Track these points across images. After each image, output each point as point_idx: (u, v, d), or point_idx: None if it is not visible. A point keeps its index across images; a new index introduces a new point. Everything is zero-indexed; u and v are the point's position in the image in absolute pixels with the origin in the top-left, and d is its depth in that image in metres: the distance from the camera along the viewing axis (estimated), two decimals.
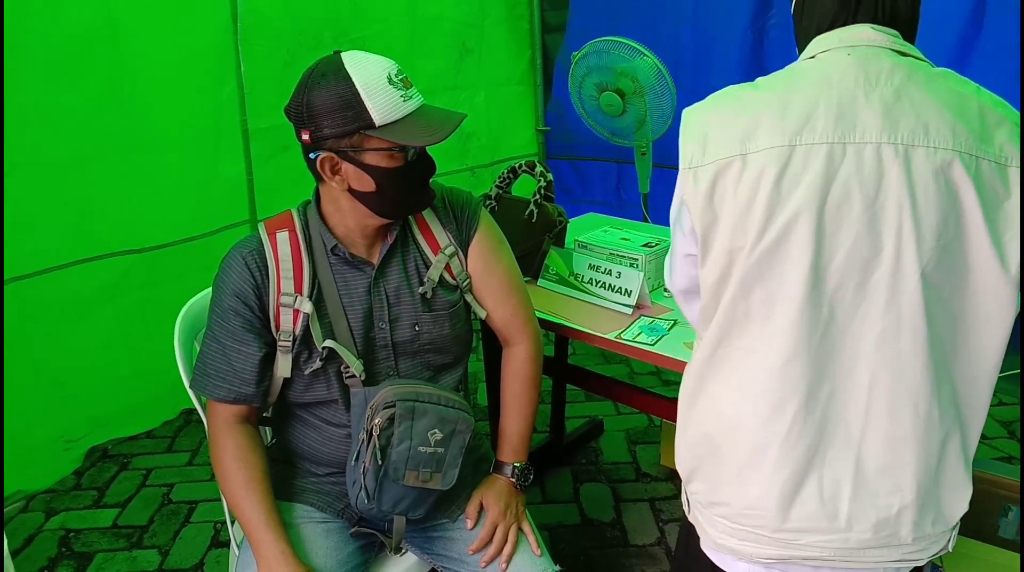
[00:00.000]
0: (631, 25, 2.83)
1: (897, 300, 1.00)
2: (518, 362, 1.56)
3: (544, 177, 2.00)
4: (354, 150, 1.28)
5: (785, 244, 1.00)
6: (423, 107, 1.31)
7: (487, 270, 1.50)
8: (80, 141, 2.43)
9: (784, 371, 1.03)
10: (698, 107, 1.10)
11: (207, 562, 2.28)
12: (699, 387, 1.13)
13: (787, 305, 1.01)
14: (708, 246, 1.06)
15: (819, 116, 0.99)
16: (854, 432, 1.05)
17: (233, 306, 1.35)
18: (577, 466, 2.69)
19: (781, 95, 1.03)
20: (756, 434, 1.07)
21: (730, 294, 1.05)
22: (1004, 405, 2.93)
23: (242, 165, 2.88)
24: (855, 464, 1.05)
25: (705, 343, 1.11)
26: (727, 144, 1.02)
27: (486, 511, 1.46)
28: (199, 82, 2.71)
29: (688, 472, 1.18)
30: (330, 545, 1.41)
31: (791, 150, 0.99)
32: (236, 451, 1.37)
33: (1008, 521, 1.81)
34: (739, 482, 1.09)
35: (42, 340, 2.47)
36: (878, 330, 1.01)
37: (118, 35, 2.45)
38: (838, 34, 1.06)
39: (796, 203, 0.98)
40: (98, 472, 2.71)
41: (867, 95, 1.00)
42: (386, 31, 3.31)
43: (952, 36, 2.86)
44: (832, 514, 1.06)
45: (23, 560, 2.29)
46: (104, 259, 2.57)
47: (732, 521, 1.11)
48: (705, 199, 1.04)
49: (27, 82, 2.26)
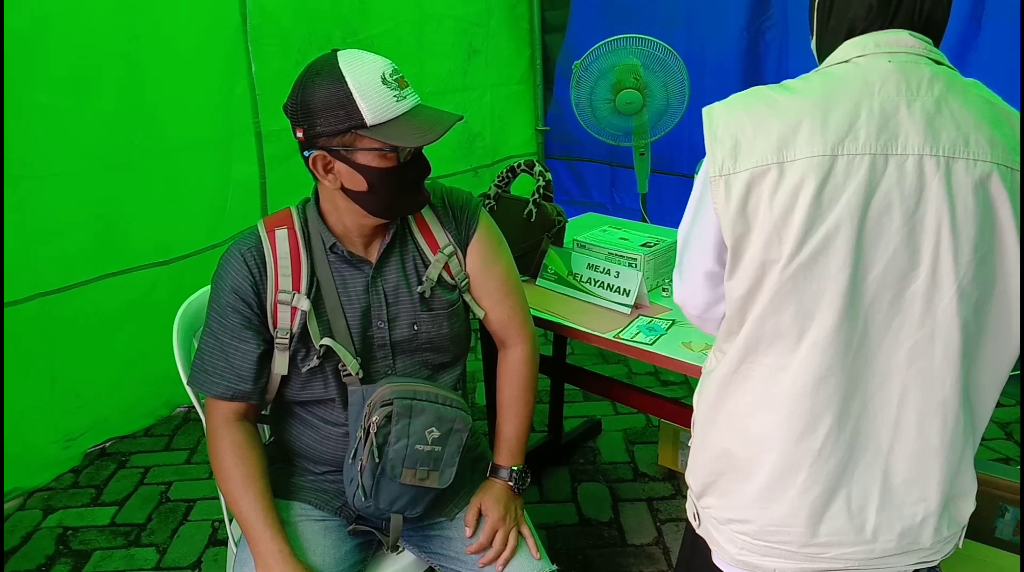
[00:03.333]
0: (629, 26, 2.83)
1: (932, 313, 0.99)
2: (514, 364, 1.55)
3: (543, 176, 2.00)
4: (346, 149, 1.27)
5: (823, 258, 0.96)
6: (418, 107, 1.30)
7: (485, 270, 1.50)
8: (99, 150, 2.42)
9: (817, 389, 1.01)
10: (724, 108, 1.04)
11: (205, 560, 2.28)
12: (720, 401, 1.10)
13: (823, 321, 0.98)
14: (738, 258, 1.02)
15: (861, 125, 0.96)
16: (883, 445, 1.04)
17: (231, 303, 1.35)
18: (575, 466, 2.69)
19: (820, 101, 0.98)
20: (785, 454, 1.04)
21: (760, 309, 1.01)
22: (1001, 406, 2.93)
23: (255, 167, 2.87)
24: (883, 477, 1.05)
25: (729, 357, 1.07)
26: (762, 151, 0.98)
27: (485, 516, 1.46)
28: (212, 84, 2.70)
29: (702, 486, 1.15)
30: (328, 543, 1.41)
31: (833, 160, 0.95)
32: (234, 448, 1.38)
33: (1005, 522, 1.81)
34: (764, 501, 1.07)
35: (64, 356, 2.47)
36: (911, 343, 1.00)
37: (134, 40, 2.44)
38: (874, 38, 1.01)
39: (837, 215, 0.95)
40: (96, 470, 2.71)
41: (909, 105, 0.97)
42: (395, 30, 3.30)
43: (951, 37, 2.86)
44: (859, 527, 1.06)
45: (20, 558, 2.29)
46: (130, 273, 2.58)
47: (754, 538, 1.09)
48: (738, 208, 0.99)
49: (46, 91, 2.26)
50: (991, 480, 1.82)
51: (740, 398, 1.08)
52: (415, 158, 1.34)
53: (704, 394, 1.14)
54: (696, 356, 1.57)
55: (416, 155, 1.34)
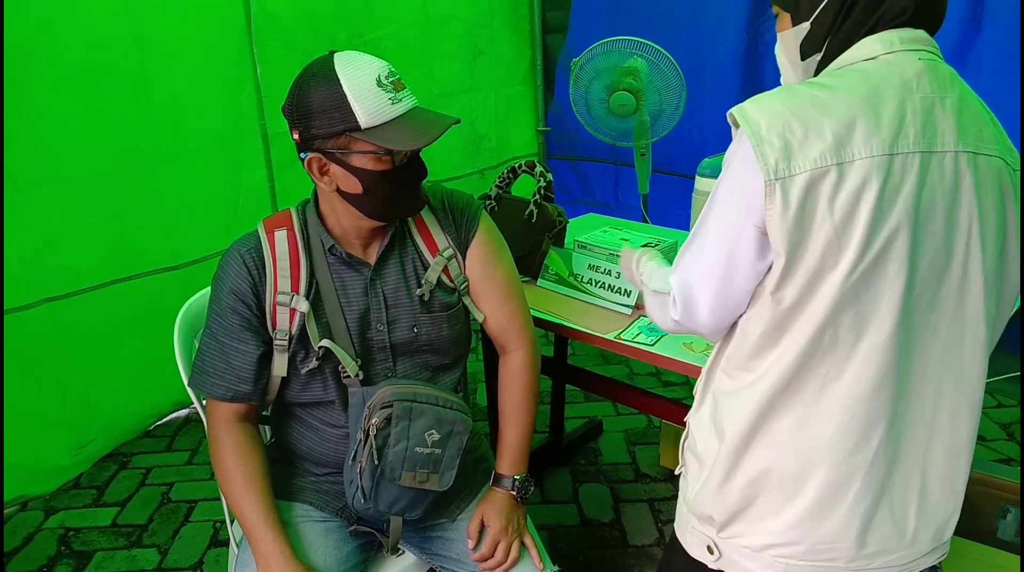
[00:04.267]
0: (629, 27, 2.83)
1: (963, 308, 1.00)
2: (514, 371, 1.54)
3: (544, 177, 2.00)
4: (341, 152, 1.27)
5: (883, 262, 0.94)
6: (414, 110, 1.28)
7: (485, 274, 1.49)
8: (107, 153, 2.42)
9: (873, 396, 0.99)
10: (757, 107, 0.97)
11: (206, 561, 2.28)
12: (764, 422, 1.02)
13: (880, 327, 0.96)
14: (792, 268, 0.95)
15: (909, 123, 0.94)
16: (921, 446, 1.03)
17: (231, 304, 1.35)
18: (576, 467, 2.69)
19: (868, 98, 0.95)
20: (839, 466, 1.01)
21: (817, 320, 0.96)
22: (1003, 407, 2.93)
23: (264, 171, 2.86)
24: (921, 478, 1.04)
25: (775, 374, 1.00)
26: (819, 151, 0.92)
27: (487, 527, 1.45)
28: (218, 87, 2.69)
29: (729, 515, 1.08)
30: (329, 544, 1.41)
31: (891, 159, 0.92)
32: (236, 449, 1.38)
33: (1007, 523, 1.81)
34: (815, 520, 1.03)
35: (73, 364, 2.47)
36: (945, 339, 1.01)
37: (139, 43, 2.44)
38: (899, 35, 0.99)
39: (897, 217, 0.93)
40: (98, 471, 2.71)
41: (942, 101, 0.97)
42: (400, 32, 3.29)
43: (950, 37, 2.87)
44: (902, 531, 1.05)
45: (22, 559, 2.29)
46: (140, 278, 2.58)
47: (800, 559, 1.05)
48: (796, 215, 0.92)
49: (51, 95, 2.26)
50: (993, 481, 1.81)
51: (787, 414, 1.01)
52: (411, 161, 1.33)
53: (735, 417, 1.05)
54: (698, 357, 1.56)
55: (412, 158, 1.33)
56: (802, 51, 1.07)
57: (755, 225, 0.96)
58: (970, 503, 1.10)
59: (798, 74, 1.10)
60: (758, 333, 1.01)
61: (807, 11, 1.05)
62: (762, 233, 0.96)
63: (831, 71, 1.02)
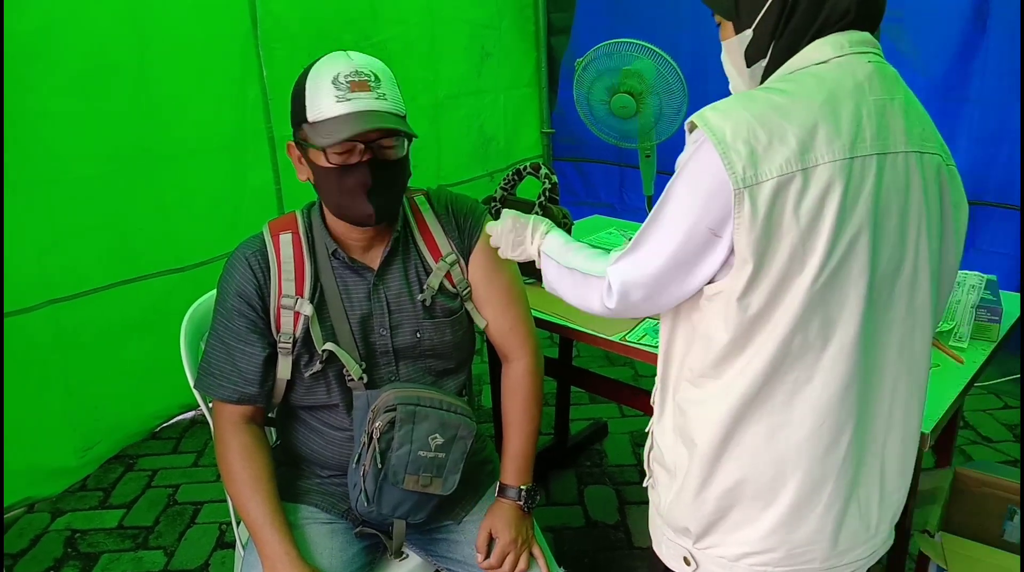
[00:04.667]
0: (632, 29, 2.83)
1: (914, 304, 1.03)
2: (517, 378, 1.52)
3: (549, 179, 2.00)
4: (302, 142, 1.31)
5: (847, 264, 0.95)
6: (367, 113, 1.24)
7: (487, 280, 1.48)
8: (111, 154, 2.43)
9: (843, 398, 0.99)
10: (718, 114, 0.96)
11: (212, 563, 2.29)
12: (736, 431, 1.02)
13: (846, 329, 0.97)
14: (757, 275, 0.95)
15: (865, 126, 0.95)
16: (879, 439, 1.05)
17: (237, 307, 1.36)
18: (581, 468, 2.68)
19: (826, 103, 0.95)
20: (812, 471, 1.01)
21: (784, 326, 0.96)
22: (1009, 408, 2.92)
23: (270, 173, 2.87)
24: (880, 471, 1.07)
25: (745, 382, 1.00)
26: (784, 157, 0.92)
27: (496, 540, 1.44)
28: (223, 89, 2.70)
29: (704, 526, 1.08)
30: (335, 546, 1.41)
31: (851, 162, 0.93)
32: (242, 451, 1.38)
33: (1014, 525, 1.80)
34: (791, 525, 1.04)
35: (78, 366, 2.47)
36: (900, 334, 1.03)
37: (143, 44, 2.44)
38: (847, 38, 1.00)
39: (859, 219, 0.94)
40: (104, 473, 2.72)
41: (891, 103, 0.99)
42: (406, 33, 3.29)
43: (954, 38, 2.86)
44: (867, 525, 1.07)
45: (29, 561, 2.30)
46: (145, 280, 2.59)
47: (776, 565, 1.06)
48: (764, 222, 0.92)
49: (55, 95, 2.26)
50: (999, 482, 1.81)
51: (759, 422, 1.01)
52: (355, 167, 1.28)
53: (705, 427, 1.04)
54: None
55: (357, 164, 1.28)
56: (747, 58, 1.07)
57: (709, 227, 0.96)
58: (977, 505, 1.11)
59: (745, 81, 1.10)
60: (725, 341, 1.00)
61: (748, 18, 1.05)
62: (715, 235, 0.96)
63: (784, 76, 1.02)
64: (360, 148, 1.27)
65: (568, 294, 1.20)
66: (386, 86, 1.28)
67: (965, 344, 1.67)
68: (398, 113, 1.30)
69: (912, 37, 2.96)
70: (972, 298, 1.75)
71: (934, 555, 1.62)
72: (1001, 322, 1.71)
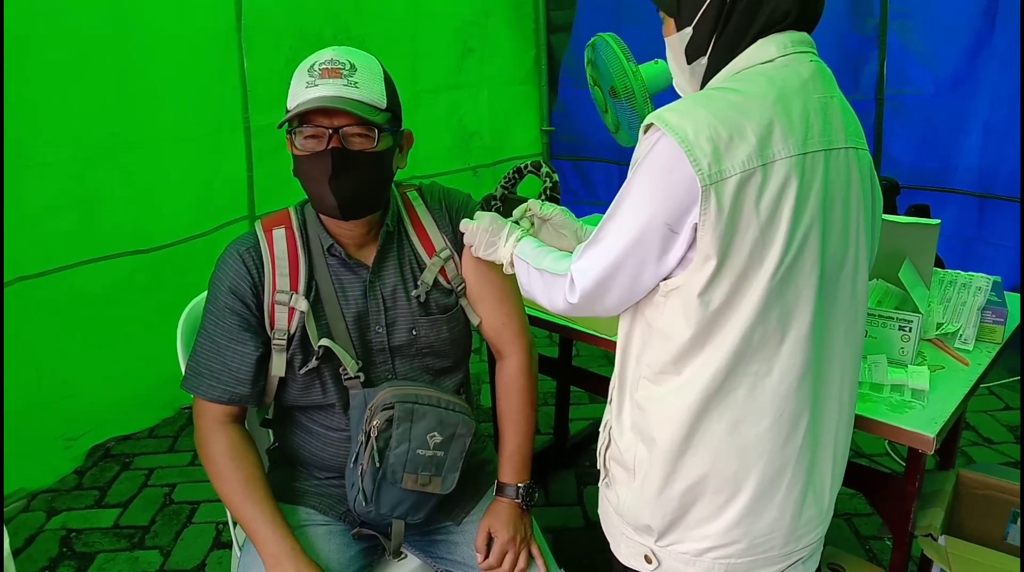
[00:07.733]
0: (635, 27, 2.81)
1: (856, 294, 1.07)
2: (510, 376, 1.52)
3: (550, 178, 1.98)
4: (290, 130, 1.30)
5: (801, 257, 0.98)
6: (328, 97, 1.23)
7: (480, 276, 1.47)
8: (86, 139, 2.43)
9: (800, 388, 1.02)
10: (683, 113, 0.96)
11: (208, 563, 2.27)
12: (698, 427, 1.03)
13: (801, 320, 1.00)
14: (720, 270, 0.96)
15: (813, 122, 0.99)
16: (832, 424, 1.09)
17: (229, 304, 1.34)
18: (581, 469, 2.67)
19: (778, 101, 0.97)
20: (772, 461, 1.04)
21: (745, 320, 0.97)
22: (1009, 409, 2.91)
23: (243, 162, 2.88)
24: (832, 454, 1.11)
25: (708, 376, 1.00)
26: (745, 153, 0.94)
27: (495, 539, 1.43)
28: (203, 79, 2.71)
29: (667, 524, 1.09)
30: (333, 547, 1.39)
31: (803, 158, 0.97)
32: (231, 450, 1.36)
33: (1017, 528, 1.79)
34: (753, 516, 1.05)
35: (46, 341, 2.45)
36: (846, 322, 1.07)
37: (124, 31, 2.45)
38: (789, 38, 1.01)
39: (811, 213, 0.97)
40: (100, 472, 2.71)
41: (831, 100, 1.02)
42: (387, 28, 3.31)
43: (965, 36, 2.85)
44: (821, 507, 1.11)
45: (24, 560, 2.28)
46: (111, 259, 2.57)
47: (739, 557, 1.08)
48: (728, 218, 0.94)
49: (33, 79, 2.25)
50: (1002, 485, 1.80)
51: (722, 416, 1.02)
52: (320, 154, 1.26)
53: (666, 424, 1.05)
54: None
55: (322, 152, 1.25)
56: (687, 55, 1.09)
57: (666, 223, 0.97)
58: (980, 507, 1.11)
59: (686, 78, 1.11)
60: (687, 337, 1.00)
61: (689, 16, 1.06)
62: (672, 231, 0.97)
63: (733, 75, 1.03)
64: (328, 135, 1.25)
65: (539, 295, 1.21)
66: (362, 76, 1.27)
67: (970, 346, 1.66)
68: (370, 103, 1.27)
69: (921, 33, 2.96)
70: (979, 300, 1.73)
71: (937, 558, 1.61)
72: (1006, 324, 1.70)
